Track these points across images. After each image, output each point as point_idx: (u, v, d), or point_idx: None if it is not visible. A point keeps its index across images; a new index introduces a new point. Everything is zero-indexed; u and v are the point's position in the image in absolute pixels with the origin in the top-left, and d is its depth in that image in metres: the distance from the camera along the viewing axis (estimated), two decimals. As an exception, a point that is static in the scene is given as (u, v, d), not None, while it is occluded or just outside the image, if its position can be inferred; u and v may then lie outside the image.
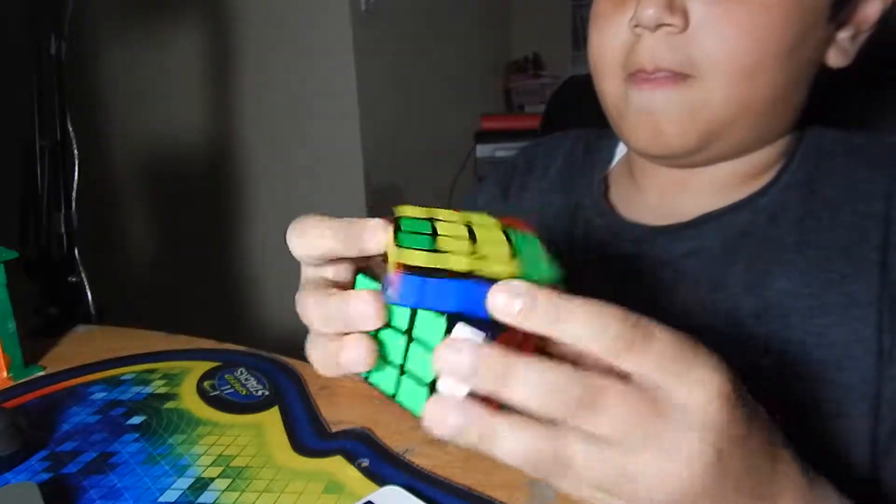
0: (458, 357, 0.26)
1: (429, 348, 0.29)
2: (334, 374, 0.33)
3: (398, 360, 0.31)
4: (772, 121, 0.48)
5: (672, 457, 0.26)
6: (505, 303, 0.26)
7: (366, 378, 0.33)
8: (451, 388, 0.28)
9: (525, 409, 0.26)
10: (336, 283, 0.35)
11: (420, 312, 0.29)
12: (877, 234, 0.44)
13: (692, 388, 0.26)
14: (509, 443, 0.26)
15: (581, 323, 0.25)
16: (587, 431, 0.26)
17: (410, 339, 0.30)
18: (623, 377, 0.26)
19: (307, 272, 0.36)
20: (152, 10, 1.97)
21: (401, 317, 0.31)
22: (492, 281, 0.27)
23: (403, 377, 0.31)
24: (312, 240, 0.33)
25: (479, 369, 0.26)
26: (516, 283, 0.26)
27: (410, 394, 0.31)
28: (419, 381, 0.30)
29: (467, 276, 0.27)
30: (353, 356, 0.31)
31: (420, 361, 0.30)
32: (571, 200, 0.59)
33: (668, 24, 0.43)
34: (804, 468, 0.31)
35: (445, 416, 0.27)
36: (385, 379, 0.32)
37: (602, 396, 0.25)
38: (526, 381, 0.25)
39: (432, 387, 0.29)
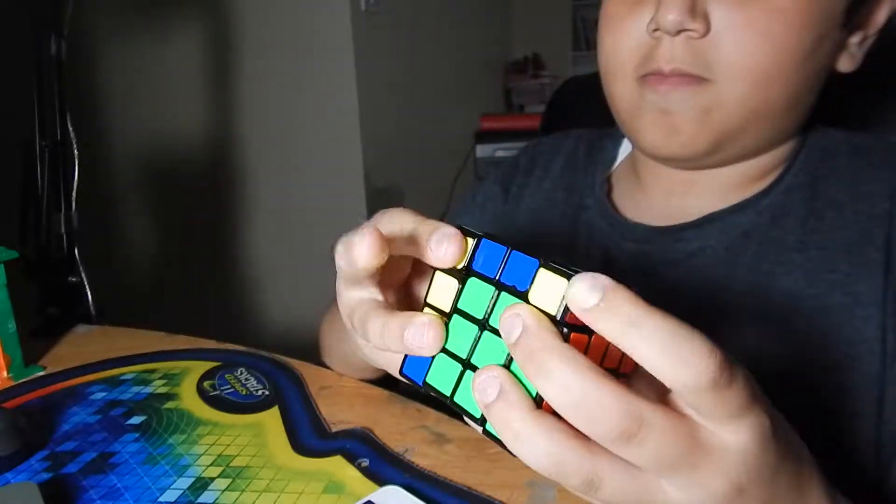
0: (512, 321, 0.24)
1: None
2: (393, 349, 0.29)
3: (464, 352, 0.28)
4: (783, 125, 0.48)
5: (697, 491, 0.25)
6: (583, 295, 0.23)
7: (418, 381, 0.30)
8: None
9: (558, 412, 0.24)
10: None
11: (503, 297, 0.26)
12: (881, 234, 0.44)
13: (739, 432, 0.24)
14: (538, 449, 0.24)
15: (661, 348, 0.22)
16: (620, 457, 0.24)
17: (484, 329, 0.27)
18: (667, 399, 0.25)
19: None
20: (152, 11, 1.97)
21: (478, 303, 0.28)
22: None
23: (466, 374, 0.28)
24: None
25: (520, 343, 0.24)
26: (602, 276, 0.23)
27: (470, 394, 0.26)
28: None
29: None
30: (426, 338, 0.27)
31: (492, 354, 0.27)
32: (574, 201, 0.59)
33: (690, 30, 0.43)
34: (830, 493, 0.30)
35: (483, 394, 0.25)
36: (442, 376, 0.29)
37: (643, 430, 0.23)
38: (564, 386, 0.23)
39: None
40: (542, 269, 0.25)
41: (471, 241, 0.29)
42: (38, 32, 0.80)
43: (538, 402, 0.25)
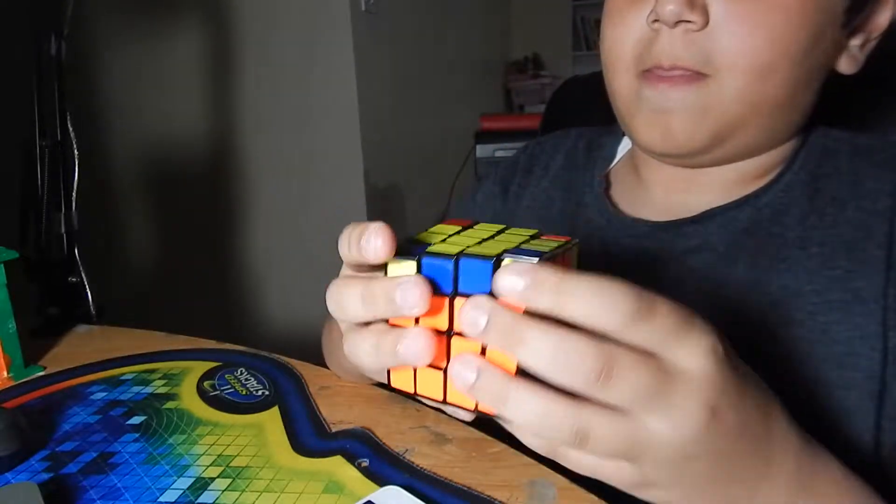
0: (476, 313, 0.26)
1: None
2: (386, 366, 0.31)
3: (441, 362, 0.29)
4: (781, 123, 0.48)
5: (679, 419, 0.27)
6: (511, 282, 0.26)
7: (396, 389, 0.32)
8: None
9: (539, 376, 0.26)
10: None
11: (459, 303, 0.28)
12: (882, 231, 0.44)
13: (691, 351, 0.27)
14: (526, 407, 0.26)
15: (586, 301, 0.25)
16: (602, 401, 0.26)
17: (451, 335, 0.29)
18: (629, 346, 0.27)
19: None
20: (152, 11, 1.97)
21: (441, 315, 0.29)
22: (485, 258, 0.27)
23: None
24: (342, 249, 0.32)
25: (491, 327, 0.26)
26: (521, 263, 0.26)
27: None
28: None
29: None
30: (418, 347, 0.28)
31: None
32: (573, 198, 0.59)
33: (688, 21, 0.43)
34: (798, 430, 0.32)
35: (464, 371, 0.27)
36: (430, 384, 0.30)
37: (616, 366, 0.25)
38: (540, 347, 0.25)
39: None
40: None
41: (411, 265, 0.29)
42: (38, 32, 0.80)
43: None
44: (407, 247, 0.30)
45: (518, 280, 0.25)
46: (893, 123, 0.60)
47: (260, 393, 0.54)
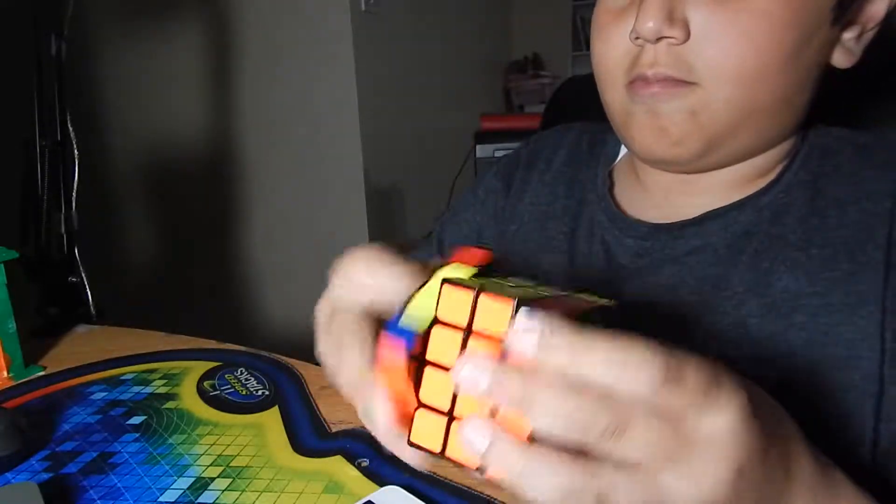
0: (476, 374, 0.25)
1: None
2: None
3: (445, 405, 0.27)
4: (776, 125, 0.48)
5: (703, 480, 0.26)
6: (522, 336, 0.25)
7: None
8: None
9: (549, 436, 0.25)
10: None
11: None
12: (883, 232, 0.44)
13: (717, 416, 0.25)
14: (545, 480, 0.25)
15: (608, 365, 0.24)
16: (618, 459, 0.25)
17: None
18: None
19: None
20: (152, 11, 1.97)
21: (448, 351, 0.27)
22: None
23: (453, 426, 0.27)
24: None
25: (497, 388, 0.25)
26: (532, 318, 0.24)
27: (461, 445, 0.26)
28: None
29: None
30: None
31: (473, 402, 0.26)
32: (576, 195, 0.59)
33: (669, 37, 0.43)
34: (815, 459, 0.32)
35: (475, 438, 0.25)
36: (428, 433, 0.28)
37: (629, 426, 0.25)
38: (548, 407, 0.24)
39: None
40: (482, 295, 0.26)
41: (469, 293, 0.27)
42: (38, 32, 0.80)
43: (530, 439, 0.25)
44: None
45: (531, 334, 0.24)
46: (892, 121, 0.60)
47: (260, 393, 0.54)
